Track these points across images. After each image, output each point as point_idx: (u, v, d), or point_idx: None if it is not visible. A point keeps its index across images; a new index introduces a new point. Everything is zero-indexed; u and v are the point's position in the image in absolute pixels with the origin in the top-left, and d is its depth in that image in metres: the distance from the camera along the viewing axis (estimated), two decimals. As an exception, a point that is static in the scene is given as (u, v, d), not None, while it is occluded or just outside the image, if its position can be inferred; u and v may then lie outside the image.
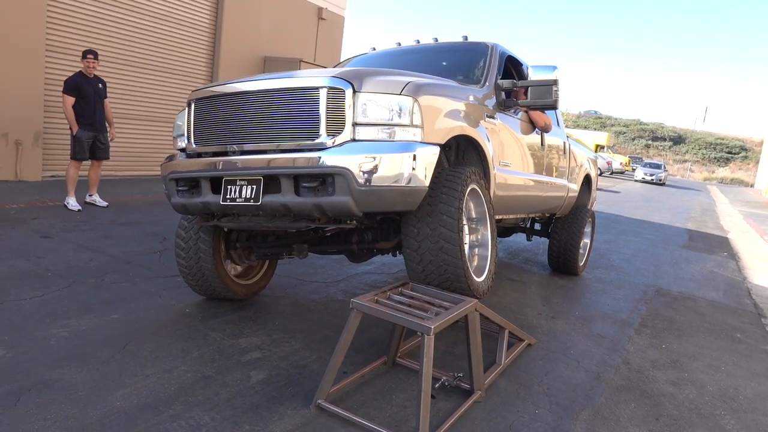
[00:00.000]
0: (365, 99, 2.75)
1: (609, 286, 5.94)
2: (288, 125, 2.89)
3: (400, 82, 2.83)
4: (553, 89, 3.72)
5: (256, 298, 4.20)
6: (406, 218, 2.98)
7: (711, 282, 6.89)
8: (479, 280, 3.19)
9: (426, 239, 2.88)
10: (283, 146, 2.88)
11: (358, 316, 2.69)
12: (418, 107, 2.79)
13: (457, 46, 4.63)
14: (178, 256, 3.73)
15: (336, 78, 2.80)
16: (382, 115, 2.75)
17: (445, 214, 2.85)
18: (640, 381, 3.47)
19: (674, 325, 4.77)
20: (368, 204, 2.70)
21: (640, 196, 22.57)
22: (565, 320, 4.53)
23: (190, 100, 3.38)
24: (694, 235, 11.74)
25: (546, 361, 3.60)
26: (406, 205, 2.83)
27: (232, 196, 2.97)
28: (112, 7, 9.27)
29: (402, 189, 2.71)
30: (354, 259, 3.94)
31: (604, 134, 46.06)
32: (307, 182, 2.72)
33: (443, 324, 2.55)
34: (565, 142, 5.63)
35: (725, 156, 66.82)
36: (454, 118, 3.16)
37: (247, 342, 3.34)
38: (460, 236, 2.86)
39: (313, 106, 2.81)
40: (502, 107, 3.97)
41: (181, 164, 3.34)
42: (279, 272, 4.93)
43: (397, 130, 2.75)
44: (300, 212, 2.81)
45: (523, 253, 7.21)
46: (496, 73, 4.07)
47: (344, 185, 2.62)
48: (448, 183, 2.97)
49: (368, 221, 3.27)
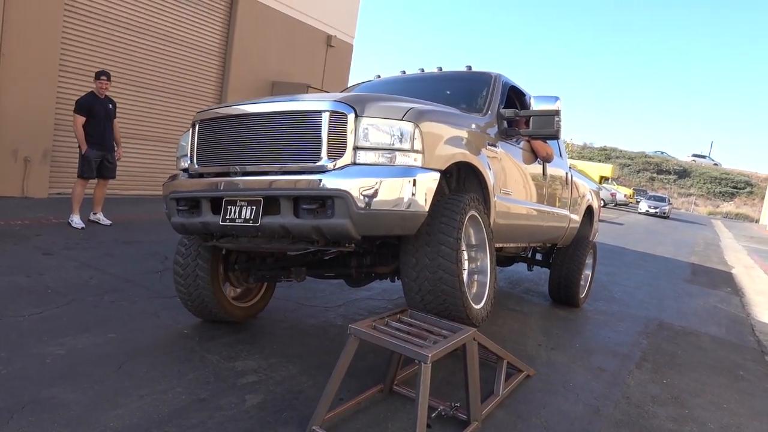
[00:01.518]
0: (367, 123, 2.77)
1: (611, 319, 5.90)
2: (290, 147, 2.91)
3: (402, 108, 2.87)
4: (554, 119, 3.75)
5: (254, 321, 4.19)
6: (404, 247, 2.98)
7: (714, 317, 6.83)
8: (477, 308, 3.17)
9: (424, 269, 2.87)
10: (285, 168, 2.89)
11: (356, 342, 2.68)
12: (419, 133, 2.81)
13: (461, 75, 4.69)
14: (176, 278, 3.71)
15: (339, 102, 2.83)
16: (383, 139, 2.78)
17: (444, 244, 2.85)
18: (640, 416, 3.42)
19: (676, 360, 4.72)
20: (367, 227, 2.70)
21: (644, 228, 22.51)
22: (565, 352, 4.49)
23: (194, 120, 3.42)
24: (698, 269, 11.68)
25: (545, 393, 3.56)
26: (404, 230, 2.83)
27: (232, 216, 2.97)
28: (126, 29, 9.46)
29: (401, 213, 2.72)
30: (352, 283, 3.93)
31: (608, 166, 46.15)
32: (307, 204, 2.73)
33: (441, 352, 2.53)
34: (567, 173, 5.64)
35: (730, 191, 66.79)
36: (455, 144, 3.18)
37: (243, 365, 3.32)
38: (459, 266, 2.85)
39: (315, 129, 2.84)
40: (503, 136, 4.00)
41: (182, 184, 3.36)
42: (278, 295, 4.92)
43: (397, 155, 2.77)
44: (299, 234, 2.80)
45: (525, 283, 7.18)
46: (498, 102, 4.11)
47: (343, 208, 2.62)
48: (447, 211, 2.97)
49: (367, 245, 3.27)
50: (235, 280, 3.94)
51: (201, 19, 10.81)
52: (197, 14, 10.71)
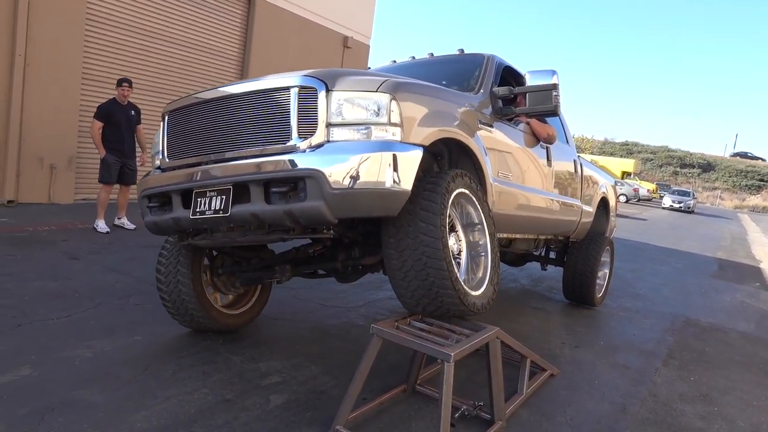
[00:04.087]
0: (339, 98, 2.59)
1: (635, 316, 5.81)
2: (259, 129, 2.75)
3: (377, 80, 2.67)
4: (552, 94, 3.55)
5: (276, 322, 4.22)
6: (385, 230, 2.74)
7: (742, 313, 6.69)
8: (475, 293, 2.95)
9: (407, 250, 2.64)
10: (255, 152, 2.73)
11: (378, 342, 2.68)
12: (396, 105, 2.60)
13: (453, 58, 4.50)
14: (158, 285, 3.55)
15: (308, 77, 2.66)
16: (358, 114, 2.59)
17: (426, 221, 2.62)
18: (668, 414, 3.37)
19: (703, 357, 4.64)
20: (343, 209, 2.50)
21: (668, 224, 22.14)
22: (589, 350, 4.44)
23: (163, 113, 3.30)
24: (725, 264, 11.45)
25: (569, 391, 3.52)
26: (386, 210, 2.59)
27: (202, 208, 2.81)
28: (145, 36, 9.60)
29: (380, 192, 2.50)
30: (341, 279, 3.67)
31: (630, 161, 45.51)
32: (278, 188, 2.55)
33: (464, 351, 2.52)
34: (576, 160, 5.42)
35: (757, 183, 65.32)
36: (441, 120, 2.96)
37: (266, 366, 3.34)
38: (444, 245, 2.63)
39: (283, 107, 2.67)
40: (499, 115, 3.76)
41: (153, 180, 3.21)
42: (300, 296, 4.96)
43: (374, 130, 2.56)
44: (271, 221, 2.63)
45: (547, 281, 7.11)
46: (491, 81, 3.90)
47: (316, 189, 2.44)
48: (429, 187, 2.75)
49: (350, 233, 3.08)
50: (223, 286, 3.80)
51: (219, 25, 10.92)
52: (215, 20, 10.82)
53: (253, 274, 3.69)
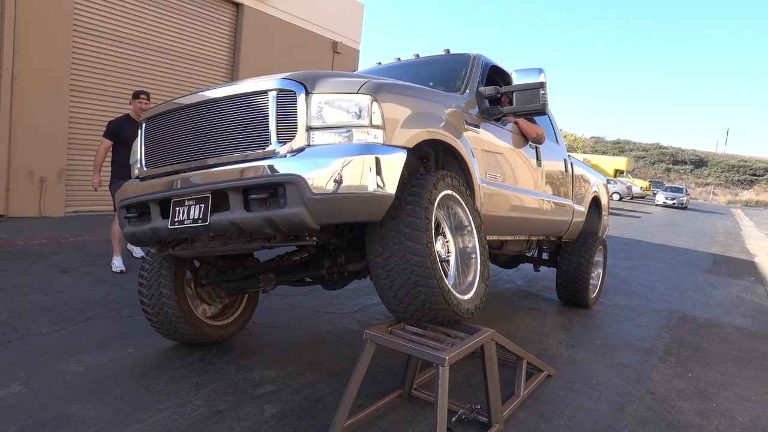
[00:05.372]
0: (319, 100, 2.52)
1: (631, 313, 5.81)
2: (237, 135, 2.68)
3: (357, 82, 2.60)
4: (540, 93, 3.50)
5: (270, 330, 4.19)
6: (370, 235, 2.68)
7: (738, 308, 6.70)
8: (465, 298, 2.87)
9: (392, 256, 2.56)
10: (234, 158, 2.65)
11: (372, 348, 2.65)
12: (378, 107, 2.54)
13: (438, 58, 4.45)
14: (140, 298, 3.46)
15: (286, 80, 2.59)
16: (338, 117, 2.52)
17: (410, 226, 2.54)
18: (666, 412, 3.36)
19: (700, 353, 4.63)
20: (325, 215, 2.41)
21: (662, 220, 22.22)
22: (586, 349, 4.42)
23: (141, 120, 3.24)
24: (719, 259, 11.49)
25: (567, 391, 3.51)
26: (369, 215, 2.50)
27: (181, 218, 2.73)
28: (134, 46, 9.56)
29: (363, 196, 2.42)
30: (328, 286, 3.59)
31: (623, 159, 45.79)
32: (257, 195, 2.47)
33: (458, 355, 2.50)
34: (566, 159, 5.37)
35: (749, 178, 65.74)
36: (425, 121, 2.90)
37: (261, 375, 3.31)
38: (431, 248, 2.56)
39: (261, 111, 2.60)
40: (486, 116, 3.69)
41: (131, 189, 3.12)
42: (294, 303, 4.92)
43: (355, 133, 2.50)
44: (251, 229, 2.54)
45: (542, 281, 7.10)
46: (477, 81, 3.83)
47: (296, 195, 2.36)
48: (413, 190, 2.67)
49: (335, 239, 3.02)
50: (207, 296, 3.73)
51: (207, 33, 10.90)
52: (203, 28, 10.80)
53: (237, 284, 3.62)
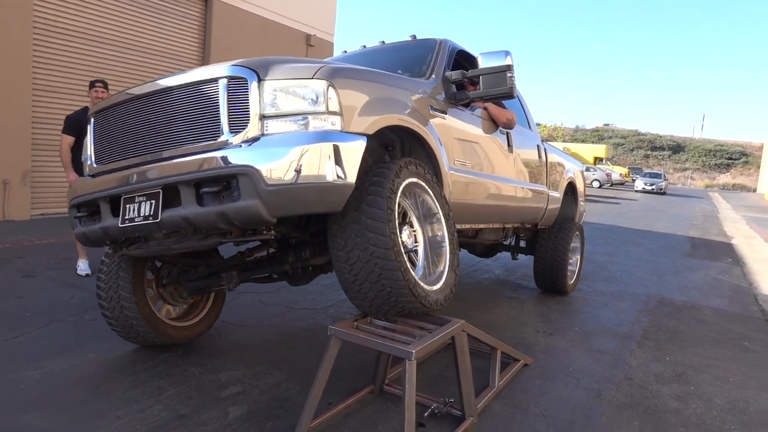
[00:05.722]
0: (272, 87, 2.41)
1: (609, 299, 5.78)
2: (188, 126, 2.56)
3: (312, 67, 2.50)
4: (507, 75, 3.40)
5: (240, 328, 4.06)
6: (331, 228, 2.58)
7: (715, 289, 6.71)
8: (432, 288, 2.77)
9: (354, 249, 2.46)
10: (185, 151, 2.53)
11: (337, 344, 2.55)
12: (334, 92, 2.45)
13: (404, 44, 4.34)
14: (99, 301, 3.32)
15: (237, 66, 2.48)
16: (293, 104, 2.41)
17: (372, 217, 2.44)
18: (644, 397, 3.30)
19: (678, 336, 4.60)
20: (281, 207, 2.31)
21: (641, 206, 22.41)
22: (563, 336, 4.36)
23: (89, 114, 3.09)
24: (697, 242, 11.57)
25: (543, 380, 3.44)
26: (327, 206, 2.41)
27: (131, 215, 2.60)
28: (98, 43, 9.30)
29: (320, 186, 2.32)
30: (293, 282, 3.45)
31: (602, 146, 46.21)
32: (209, 188, 2.36)
33: (426, 348, 2.41)
34: (539, 145, 5.30)
35: (726, 162, 66.82)
36: (386, 107, 2.79)
37: (227, 376, 3.19)
38: (393, 237, 2.45)
39: (212, 100, 2.49)
40: (453, 101, 3.58)
41: (81, 187, 2.98)
42: (266, 300, 4.80)
43: (311, 120, 2.40)
44: (204, 225, 2.42)
45: (521, 269, 7.05)
46: (444, 66, 3.71)
47: (250, 187, 2.26)
48: (374, 179, 2.57)
49: (297, 233, 2.91)
50: (170, 297, 3.58)
51: (175, 28, 10.63)
52: (170, 23, 10.53)
53: (199, 283, 3.47)
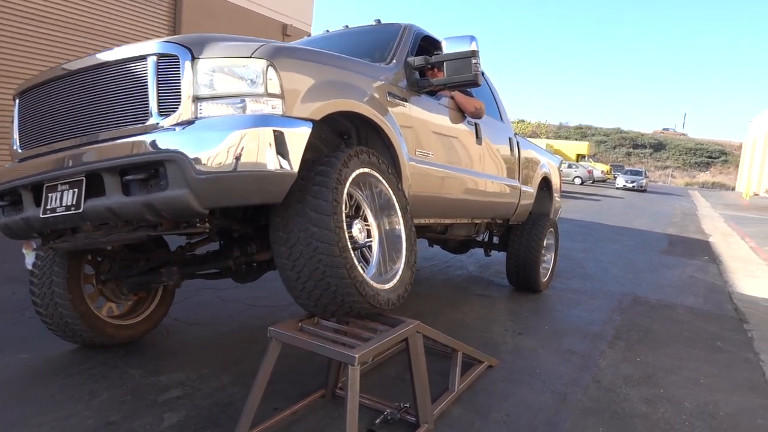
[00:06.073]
0: (207, 66, 2.22)
1: (583, 297, 5.65)
2: (116, 107, 2.36)
3: (252, 45, 2.31)
4: (471, 62, 3.22)
5: (194, 327, 3.84)
6: (273, 221, 2.38)
7: (691, 288, 6.63)
8: (383, 287, 2.57)
9: (297, 244, 2.27)
10: (112, 134, 2.34)
11: (277, 347, 2.36)
12: (275, 73, 2.25)
13: (368, 29, 4.14)
14: (32, 298, 3.14)
15: (169, 43, 2.28)
16: (229, 85, 2.22)
17: (316, 209, 2.26)
18: (611, 401, 3.16)
19: (650, 336, 4.48)
20: (213, 197, 2.12)
21: (622, 203, 22.48)
22: (533, 336, 4.21)
23: (14, 95, 2.88)
24: (675, 240, 11.55)
25: (508, 383, 3.27)
26: (267, 196, 2.24)
27: (53, 205, 2.40)
28: (63, 29, 8.98)
29: (257, 175, 2.14)
30: (238, 278, 3.23)
31: (584, 144, 46.46)
32: (135, 176, 2.16)
33: (372, 351, 2.22)
34: (511, 138, 5.10)
35: (705, 161, 67.66)
36: (336, 91, 2.61)
37: (169, 379, 2.97)
38: (339, 232, 2.28)
39: (141, 79, 2.29)
40: (415, 88, 3.39)
41: (3, 174, 2.76)
42: (226, 297, 4.58)
43: (249, 103, 2.21)
44: (130, 216, 2.23)
45: (495, 266, 6.89)
46: (407, 52, 3.51)
47: (178, 174, 2.07)
48: (321, 169, 2.37)
49: (238, 226, 2.71)
50: (112, 294, 3.34)
51: (143, 15, 10.32)
52: (138, 9, 10.21)
53: (138, 279, 3.23)
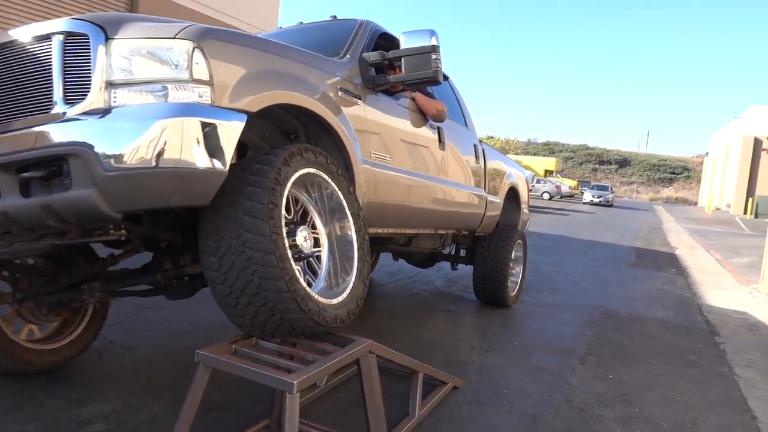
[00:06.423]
0: (123, 48, 1.92)
1: (553, 311, 5.45)
2: (21, 94, 2.05)
3: (176, 26, 2.03)
4: (432, 57, 2.99)
5: (130, 351, 3.48)
6: (202, 227, 2.07)
7: (660, 300, 6.52)
8: (332, 302, 2.31)
9: (229, 253, 1.97)
10: (19, 125, 2.02)
11: (206, 372, 2.06)
12: (202, 57, 1.96)
13: (323, 24, 3.89)
14: None
15: (78, 21, 1.99)
16: (149, 70, 1.92)
17: (250, 213, 1.96)
18: (584, 422, 2.93)
19: (622, 351, 4.29)
20: (125, 198, 1.82)
21: (589, 217, 22.67)
22: (501, 353, 3.97)
23: None
24: (643, 253, 11.56)
25: (474, 405, 3.02)
26: (190, 198, 1.93)
27: None
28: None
29: (178, 172, 1.83)
30: (170, 294, 2.84)
31: (552, 160, 47.16)
32: (33, 173, 1.84)
33: (314, 376, 1.94)
34: (477, 145, 4.89)
35: (669, 176, 69.41)
36: (277, 81, 2.33)
37: (92, 411, 2.62)
38: (276, 239, 1.99)
39: (45, 62, 1.99)
40: (371, 86, 3.15)
41: None
42: (170, 317, 4.22)
43: (171, 90, 1.91)
44: (29, 222, 1.90)
45: (463, 280, 6.65)
46: (362, 47, 3.28)
47: (83, 172, 1.76)
48: (257, 168, 2.09)
49: (166, 235, 2.38)
50: (31, 315, 2.93)
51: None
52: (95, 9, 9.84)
53: (60, 296, 2.85)
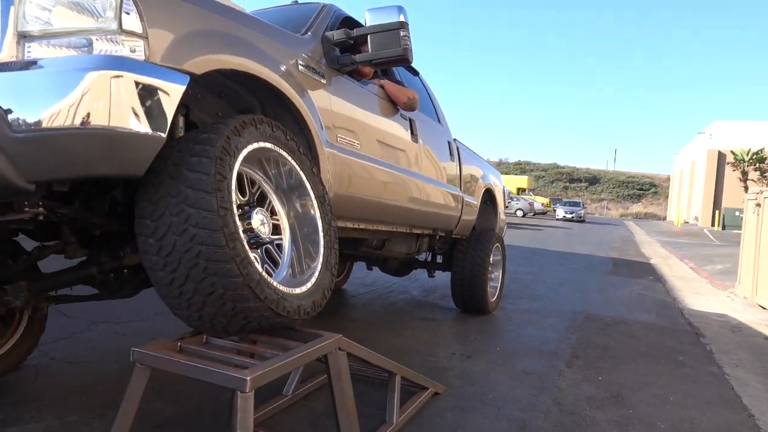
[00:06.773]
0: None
1: (535, 316, 5.23)
2: None
3: None
4: (400, 34, 2.80)
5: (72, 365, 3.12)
6: (139, 207, 1.76)
7: (641, 305, 6.38)
8: (295, 291, 2.04)
9: (170, 232, 1.68)
10: None
11: (145, 373, 1.76)
12: (134, 5, 1.68)
13: (285, 8, 3.63)
14: None
15: None
16: (70, 19, 1.64)
17: (193, 185, 1.69)
18: (576, 425, 2.69)
19: (609, 353, 4.08)
20: (41, 165, 1.53)
21: (563, 232, 22.75)
22: (483, 358, 3.72)
23: None
24: (619, 262, 11.52)
25: (457, 411, 2.75)
26: (120, 166, 1.62)
27: None
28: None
29: (105, 134, 1.53)
30: (110, 293, 2.46)
31: (524, 178, 47.75)
32: None
33: (271, 372, 1.66)
34: (451, 143, 4.71)
35: (637, 193, 70.91)
36: (228, 44, 2.06)
37: (22, 431, 2.28)
38: (224, 214, 1.71)
39: None
40: (336, 66, 2.92)
41: None
42: (124, 331, 3.87)
43: (96, 42, 1.63)
44: None
45: (440, 290, 6.41)
46: (325, 26, 3.05)
47: None
48: (203, 137, 1.81)
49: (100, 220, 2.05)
50: None
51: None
52: None
53: None
